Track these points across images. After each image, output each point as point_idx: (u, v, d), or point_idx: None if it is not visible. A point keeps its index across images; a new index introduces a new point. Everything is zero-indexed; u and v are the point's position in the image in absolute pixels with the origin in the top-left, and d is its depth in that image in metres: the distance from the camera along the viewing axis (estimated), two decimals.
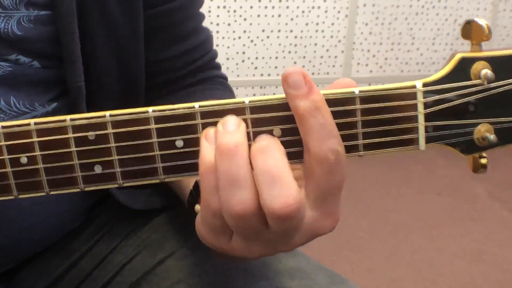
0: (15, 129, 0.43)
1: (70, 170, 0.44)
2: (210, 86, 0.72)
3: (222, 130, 0.41)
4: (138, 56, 0.64)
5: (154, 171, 0.44)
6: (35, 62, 0.58)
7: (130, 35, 0.62)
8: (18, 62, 0.57)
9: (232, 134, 0.41)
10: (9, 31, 0.55)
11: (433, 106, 0.43)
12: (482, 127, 0.44)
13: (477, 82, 0.43)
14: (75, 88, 0.59)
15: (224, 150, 0.40)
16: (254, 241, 0.43)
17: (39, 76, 0.59)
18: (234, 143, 0.40)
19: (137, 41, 0.63)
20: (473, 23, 0.43)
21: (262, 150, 0.40)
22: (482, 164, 0.45)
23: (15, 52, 0.57)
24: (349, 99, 0.42)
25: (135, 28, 0.62)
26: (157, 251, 0.65)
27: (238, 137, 0.41)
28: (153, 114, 0.42)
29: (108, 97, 0.64)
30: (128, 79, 0.65)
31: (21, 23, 0.56)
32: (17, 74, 0.57)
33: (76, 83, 0.59)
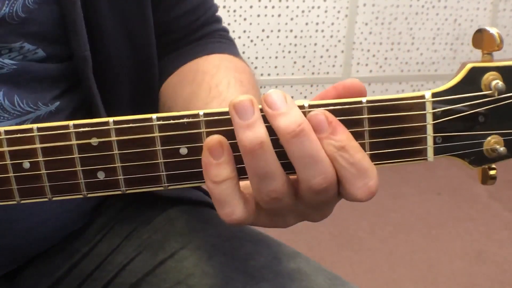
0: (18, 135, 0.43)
1: (73, 176, 0.43)
2: (213, 40, 0.72)
3: (241, 122, 0.40)
4: (146, 23, 0.64)
5: (157, 179, 0.43)
6: (39, 50, 0.58)
7: (135, 3, 0.62)
8: (22, 51, 0.57)
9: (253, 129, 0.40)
10: (14, 14, 0.55)
11: (442, 117, 0.42)
12: (492, 139, 0.43)
13: (487, 93, 0.42)
14: (81, 58, 0.59)
15: (247, 148, 0.40)
16: (286, 215, 0.45)
17: (43, 72, 0.59)
18: (258, 141, 0.40)
19: (143, 7, 0.63)
20: (485, 32, 0.42)
21: (296, 134, 0.40)
22: (491, 175, 0.44)
23: (20, 38, 0.56)
24: (356, 109, 0.42)
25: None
26: (158, 252, 0.65)
27: (260, 132, 0.40)
28: (157, 122, 0.42)
29: (119, 70, 0.64)
30: (137, 46, 0.64)
31: (26, 5, 0.55)
32: (22, 72, 0.57)
33: (81, 52, 0.58)
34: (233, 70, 0.65)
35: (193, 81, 0.65)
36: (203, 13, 0.72)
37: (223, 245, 0.63)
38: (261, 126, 0.40)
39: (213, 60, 0.68)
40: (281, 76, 2.42)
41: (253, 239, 0.65)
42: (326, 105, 0.42)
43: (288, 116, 0.40)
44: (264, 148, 0.40)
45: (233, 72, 0.64)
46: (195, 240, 0.64)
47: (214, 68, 0.65)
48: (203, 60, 0.68)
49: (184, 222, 0.67)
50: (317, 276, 0.60)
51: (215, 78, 0.63)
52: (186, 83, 0.66)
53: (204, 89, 0.62)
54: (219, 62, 0.68)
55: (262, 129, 0.40)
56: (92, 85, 0.60)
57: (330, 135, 0.41)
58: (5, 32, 0.55)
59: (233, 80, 0.62)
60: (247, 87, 0.62)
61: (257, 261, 0.61)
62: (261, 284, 0.58)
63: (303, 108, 0.42)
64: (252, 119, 0.40)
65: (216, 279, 0.60)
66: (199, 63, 0.68)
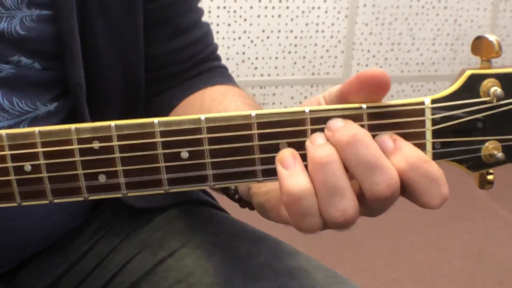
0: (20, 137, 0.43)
1: (74, 179, 0.43)
2: (215, 74, 0.73)
3: (312, 145, 0.42)
4: (138, 51, 0.65)
5: (158, 182, 0.43)
6: (36, 64, 0.58)
7: (130, 30, 0.63)
8: (19, 64, 0.57)
9: (323, 146, 0.41)
10: (12, 30, 0.55)
11: (441, 122, 0.43)
12: (490, 145, 0.43)
13: (486, 99, 0.42)
14: (76, 84, 0.60)
15: (317, 162, 0.41)
16: None
17: (40, 77, 0.59)
18: (327, 154, 0.41)
19: (137, 37, 0.64)
20: (484, 39, 0.42)
21: (349, 142, 0.41)
22: (489, 180, 0.45)
23: (17, 53, 0.57)
24: (356, 115, 0.42)
25: (135, 23, 0.63)
26: (158, 250, 0.65)
27: (329, 148, 0.41)
28: (159, 129, 0.42)
29: (110, 93, 0.64)
30: (129, 74, 0.65)
31: (24, 23, 0.56)
32: (19, 76, 0.58)
33: (76, 79, 0.59)
34: (239, 96, 0.65)
35: (201, 108, 0.65)
36: (204, 48, 0.72)
37: (223, 244, 0.64)
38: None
39: (218, 89, 0.69)
40: (281, 76, 2.42)
41: (253, 238, 0.65)
42: (327, 110, 0.42)
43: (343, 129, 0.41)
44: None
45: (239, 97, 0.64)
46: (195, 238, 0.65)
47: (221, 95, 0.66)
48: (208, 90, 0.69)
49: (184, 221, 0.68)
50: (317, 274, 0.60)
51: (223, 103, 0.63)
52: (193, 112, 0.66)
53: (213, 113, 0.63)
54: (224, 90, 0.68)
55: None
56: (84, 110, 0.61)
57: (396, 151, 0.42)
58: (3, 47, 0.56)
59: (240, 103, 0.62)
60: (255, 108, 0.63)
61: (257, 259, 0.61)
62: (261, 283, 0.59)
63: (304, 114, 0.42)
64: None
65: (216, 278, 0.60)
66: (205, 93, 0.69)
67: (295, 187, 0.41)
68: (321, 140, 0.42)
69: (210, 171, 0.43)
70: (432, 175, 0.42)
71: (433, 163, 0.42)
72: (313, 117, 0.42)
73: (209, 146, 0.43)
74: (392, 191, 0.41)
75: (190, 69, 0.71)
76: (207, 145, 0.43)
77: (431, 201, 0.42)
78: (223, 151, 0.43)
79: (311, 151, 0.42)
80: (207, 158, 0.43)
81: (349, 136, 0.41)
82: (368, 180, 0.41)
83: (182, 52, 0.70)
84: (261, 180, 0.44)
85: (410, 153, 0.41)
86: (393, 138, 0.42)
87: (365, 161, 0.40)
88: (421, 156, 0.42)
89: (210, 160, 0.43)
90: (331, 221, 0.42)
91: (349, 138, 0.41)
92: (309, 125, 0.42)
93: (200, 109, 0.65)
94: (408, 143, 0.42)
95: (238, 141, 0.43)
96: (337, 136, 0.41)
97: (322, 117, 0.42)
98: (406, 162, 0.41)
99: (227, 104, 0.63)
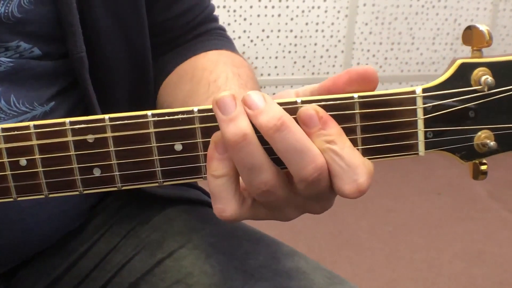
0: (15, 132, 0.43)
1: (69, 173, 0.44)
2: (210, 37, 0.73)
3: (224, 117, 0.41)
4: (140, 23, 0.65)
5: (153, 175, 0.44)
6: (35, 49, 0.58)
7: (129, 1, 0.62)
8: (18, 50, 0.57)
9: (235, 122, 0.41)
10: (9, 14, 0.55)
11: (433, 111, 0.43)
12: (482, 134, 0.43)
13: (477, 88, 0.42)
14: (77, 59, 0.59)
15: (231, 142, 0.40)
16: (284, 208, 0.45)
17: (40, 70, 0.59)
18: (241, 134, 0.40)
19: (137, 7, 0.63)
20: (474, 29, 0.42)
21: (277, 129, 0.40)
22: (482, 170, 0.44)
23: (16, 37, 0.56)
24: (348, 104, 0.42)
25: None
26: (156, 251, 0.65)
27: (242, 125, 0.41)
28: (152, 118, 0.42)
29: (115, 70, 0.64)
30: (132, 47, 0.65)
31: (22, 6, 0.56)
32: (18, 69, 0.57)
33: (77, 53, 0.59)
34: (231, 65, 0.65)
35: (192, 78, 0.65)
36: (200, 12, 0.72)
37: (222, 244, 0.63)
38: (244, 119, 0.41)
39: (211, 56, 0.69)
40: (281, 76, 2.42)
41: (252, 238, 0.65)
42: (318, 101, 0.42)
43: (267, 113, 0.41)
44: (248, 140, 0.41)
45: (231, 67, 0.64)
46: (194, 239, 0.64)
47: (212, 64, 0.66)
48: (201, 57, 0.69)
49: (183, 221, 0.67)
50: (315, 275, 0.60)
51: (213, 74, 0.63)
52: (185, 81, 0.66)
53: (203, 85, 0.63)
54: (217, 57, 0.68)
55: (244, 122, 0.41)
56: (88, 86, 0.60)
57: (320, 129, 0.41)
58: (1, 32, 0.55)
59: (231, 74, 0.62)
60: (245, 80, 0.63)
61: (256, 260, 0.61)
62: (259, 283, 0.58)
63: (296, 104, 0.42)
64: (234, 113, 0.41)
65: (214, 278, 0.60)
66: (197, 60, 0.69)
67: None
68: (232, 110, 0.41)
69: (203, 163, 0.43)
70: (350, 160, 0.41)
71: (356, 152, 0.42)
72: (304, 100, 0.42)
73: (202, 139, 0.43)
74: (319, 172, 0.41)
75: (186, 33, 0.72)
76: (200, 137, 0.43)
77: (345, 187, 0.41)
78: None
79: (223, 125, 0.41)
80: (200, 151, 0.43)
81: (275, 123, 0.40)
82: (294, 164, 0.41)
83: (180, 18, 0.70)
84: None
85: (333, 133, 0.41)
86: (320, 115, 0.42)
87: (292, 147, 0.40)
88: (343, 139, 0.42)
89: (203, 152, 0.43)
90: (255, 193, 0.42)
91: (275, 125, 0.40)
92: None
93: (192, 78, 0.65)
94: (335, 123, 0.42)
95: None
96: (261, 119, 0.41)
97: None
98: (327, 141, 0.41)
99: (217, 75, 0.63)
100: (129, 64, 0.65)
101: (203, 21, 0.73)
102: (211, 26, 0.74)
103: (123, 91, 0.66)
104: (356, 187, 0.41)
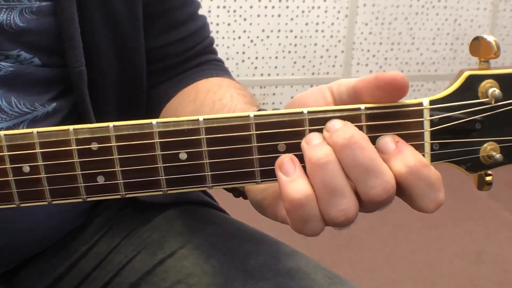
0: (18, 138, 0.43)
1: (72, 180, 0.43)
2: (210, 67, 0.73)
3: (308, 146, 0.42)
4: (138, 42, 0.65)
5: (157, 183, 0.43)
6: (35, 59, 0.58)
7: (129, 21, 0.63)
8: (19, 59, 0.57)
9: (320, 146, 0.41)
10: (11, 22, 0.55)
11: (440, 124, 0.43)
12: (488, 146, 0.43)
13: (484, 100, 0.42)
14: (76, 73, 0.59)
15: (315, 162, 0.41)
16: None
17: (39, 75, 0.59)
18: (324, 154, 0.41)
19: (136, 27, 0.64)
20: (482, 40, 0.42)
21: (345, 144, 0.41)
22: (487, 181, 0.45)
23: (17, 47, 0.57)
24: (355, 116, 0.42)
25: (134, 14, 0.63)
26: (157, 251, 0.65)
27: (326, 148, 0.41)
28: (158, 129, 0.42)
29: (110, 84, 0.64)
30: (128, 65, 0.65)
31: (23, 15, 0.56)
32: (18, 74, 0.57)
33: (77, 67, 0.59)
34: (234, 87, 0.66)
35: (196, 99, 0.65)
36: (200, 41, 0.72)
37: (223, 244, 0.63)
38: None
39: (213, 80, 0.69)
40: (281, 76, 2.42)
41: (253, 239, 0.65)
42: (325, 112, 0.42)
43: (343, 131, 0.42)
44: None
45: (234, 88, 0.65)
46: (195, 239, 0.64)
47: (216, 86, 0.66)
48: (203, 82, 0.69)
49: (183, 221, 0.67)
50: (316, 274, 0.60)
51: (218, 94, 0.63)
52: (188, 102, 0.66)
53: (207, 104, 0.63)
54: (219, 81, 0.68)
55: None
56: (85, 98, 0.61)
57: (397, 154, 0.42)
58: (3, 40, 0.56)
59: (235, 94, 0.62)
60: (249, 99, 0.63)
61: (257, 260, 0.61)
62: (260, 283, 0.58)
63: (302, 115, 0.42)
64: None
65: (215, 278, 0.60)
66: (200, 84, 0.69)
67: (296, 194, 0.41)
68: (316, 140, 0.42)
69: (208, 172, 0.43)
70: (429, 180, 0.41)
71: (432, 168, 0.42)
72: (311, 118, 0.42)
73: (207, 148, 0.43)
74: (388, 195, 0.41)
75: (186, 62, 0.72)
76: (205, 146, 0.43)
77: (427, 205, 0.42)
78: (222, 152, 0.43)
79: (307, 151, 0.42)
80: (205, 159, 0.43)
81: (345, 138, 0.41)
82: (364, 183, 0.41)
83: (178, 45, 0.70)
84: (260, 182, 0.43)
85: (410, 156, 0.41)
86: (395, 140, 0.42)
87: (361, 164, 0.41)
88: (421, 160, 0.42)
89: (208, 161, 0.43)
90: (332, 221, 0.42)
91: (346, 140, 0.41)
92: (307, 126, 0.42)
93: (195, 99, 0.65)
94: (409, 146, 0.42)
95: (237, 142, 0.43)
96: (334, 137, 0.41)
97: (320, 117, 0.42)
98: (405, 165, 0.41)
99: (221, 95, 0.63)
100: (124, 81, 0.66)
101: (203, 51, 0.73)
102: (211, 57, 0.74)
103: (114, 106, 0.67)
104: (438, 203, 0.42)
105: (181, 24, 0.70)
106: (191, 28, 0.71)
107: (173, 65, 0.71)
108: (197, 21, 0.72)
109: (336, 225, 0.42)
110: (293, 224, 0.43)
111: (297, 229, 0.43)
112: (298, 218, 0.42)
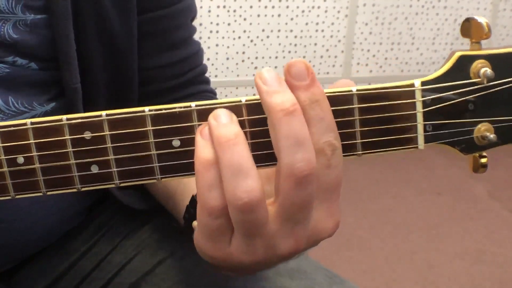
0: (12, 129, 0.43)
1: (66, 170, 0.43)
2: (201, 99, 0.70)
3: (216, 123, 0.40)
4: (132, 58, 0.64)
5: (151, 171, 0.43)
6: (32, 64, 0.58)
7: (124, 37, 0.62)
8: (15, 64, 0.57)
9: (228, 126, 0.40)
10: (5, 34, 0.55)
11: (432, 105, 0.42)
12: (482, 126, 0.43)
13: (476, 80, 0.42)
14: (71, 89, 0.59)
15: (224, 141, 0.39)
16: (256, 238, 0.41)
17: (36, 77, 0.59)
18: (234, 133, 0.40)
19: (131, 43, 0.63)
20: (473, 21, 0.42)
21: (288, 113, 0.40)
22: (482, 163, 0.44)
23: (12, 54, 0.56)
24: (347, 98, 0.42)
25: (129, 30, 0.62)
26: (157, 251, 0.65)
27: (234, 127, 0.40)
28: (150, 113, 0.42)
29: (103, 99, 0.64)
30: (121, 80, 0.65)
31: (17, 27, 0.55)
32: (15, 75, 0.57)
33: (72, 84, 0.59)
34: None
35: None
36: (191, 68, 0.70)
37: None
38: None
39: None
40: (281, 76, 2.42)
41: None
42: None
43: (283, 94, 0.40)
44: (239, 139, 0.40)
45: None
46: None
47: None
48: None
49: None
50: (316, 274, 0.60)
51: None
52: None
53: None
54: None
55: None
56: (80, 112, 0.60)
57: (308, 86, 0.41)
58: None
59: None
60: None
61: None
62: (260, 283, 0.58)
63: None
64: None
65: (216, 278, 0.60)
66: None
67: None
68: (225, 119, 0.41)
69: None
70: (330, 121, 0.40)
71: None
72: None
73: None
74: (309, 170, 0.39)
75: (175, 90, 0.70)
76: None
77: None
78: None
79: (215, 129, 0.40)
80: None
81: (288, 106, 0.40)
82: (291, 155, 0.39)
83: (168, 69, 0.68)
84: None
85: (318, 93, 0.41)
86: (310, 71, 0.42)
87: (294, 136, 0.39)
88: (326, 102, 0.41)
89: None
90: (235, 201, 0.39)
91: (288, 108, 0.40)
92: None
93: None
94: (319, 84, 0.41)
95: None
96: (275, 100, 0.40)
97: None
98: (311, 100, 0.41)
99: None
100: (116, 95, 0.65)
101: (195, 81, 0.71)
102: (201, 88, 0.72)
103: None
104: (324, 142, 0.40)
105: (173, 48, 0.68)
106: (183, 53, 0.69)
107: (162, 91, 0.69)
108: (190, 47, 0.70)
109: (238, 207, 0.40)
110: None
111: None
112: None
